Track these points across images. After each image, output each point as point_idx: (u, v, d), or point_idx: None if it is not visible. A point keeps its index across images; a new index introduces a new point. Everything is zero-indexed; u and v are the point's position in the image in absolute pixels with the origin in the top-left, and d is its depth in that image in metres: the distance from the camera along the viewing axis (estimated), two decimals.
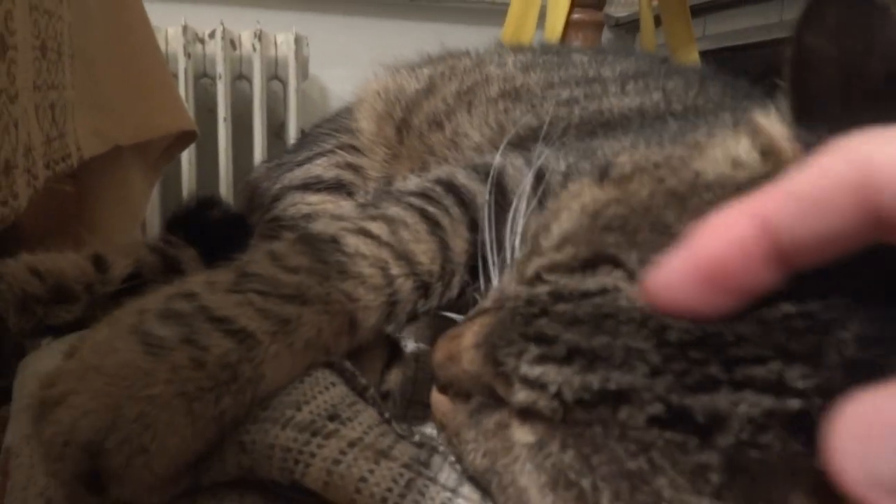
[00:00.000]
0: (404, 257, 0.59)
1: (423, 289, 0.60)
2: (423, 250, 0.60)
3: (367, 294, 0.56)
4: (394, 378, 0.64)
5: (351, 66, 2.33)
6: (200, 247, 0.92)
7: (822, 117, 0.41)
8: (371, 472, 0.46)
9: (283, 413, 0.48)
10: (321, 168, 1.10)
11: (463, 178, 0.70)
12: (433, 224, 0.63)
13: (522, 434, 0.41)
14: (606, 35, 1.87)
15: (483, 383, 0.47)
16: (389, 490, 0.45)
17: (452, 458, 0.52)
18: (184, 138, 1.47)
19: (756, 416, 0.33)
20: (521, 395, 0.41)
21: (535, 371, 0.40)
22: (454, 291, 0.62)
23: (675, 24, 1.59)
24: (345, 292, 0.54)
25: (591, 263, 0.41)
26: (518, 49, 1.22)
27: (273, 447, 0.46)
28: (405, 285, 0.59)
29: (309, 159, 1.12)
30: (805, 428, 0.32)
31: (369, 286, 0.56)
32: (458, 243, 0.63)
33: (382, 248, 0.58)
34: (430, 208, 0.64)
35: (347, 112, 1.24)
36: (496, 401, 0.47)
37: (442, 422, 0.54)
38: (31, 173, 0.72)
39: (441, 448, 0.52)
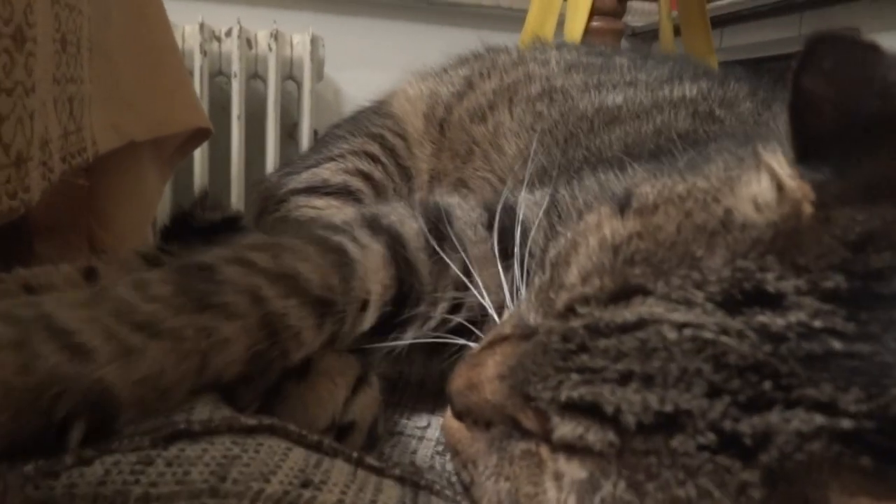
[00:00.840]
0: (283, 278, 0.55)
1: (324, 306, 0.56)
2: (310, 269, 0.56)
3: (228, 325, 0.51)
4: (359, 407, 0.60)
5: (366, 68, 2.35)
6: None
7: (824, 156, 0.43)
8: None
9: (248, 486, 0.44)
10: (329, 172, 1.10)
11: (399, 217, 0.67)
12: (334, 250, 0.59)
13: (571, 469, 0.41)
14: (623, 45, 1.86)
15: (506, 414, 0.47)
16: None
17: (439, 487, 0.51)
18: (198, 135, 1.46)
19: (804, 432, 0.34)
20: (565, 429, 0.41)
21: (581, 392, 0.40)
22: (366, 321, 0.58)
23: (695, 33, 1.58)
24: (201, 327, 0.50)
25: (621, 295, 0.42)
26: (562, 46, 1.22)
27: None
28: (287, 304, 0.54)
29: (318, 163, 1.12)
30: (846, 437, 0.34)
31: (231, 314, 0.52)
32: (372, 272, 0.59)
33: (256, 275, 0.55)
34: (336, 237, 0.61)
35: (370, 113, 1.23)
36: (521, 431, 0.47)
37: (456, 448, 0.53)
38: (47, 166, 0.72)
39: (424, 480, 0.51)
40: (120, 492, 0.43)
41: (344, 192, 1.05)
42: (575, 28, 1.50)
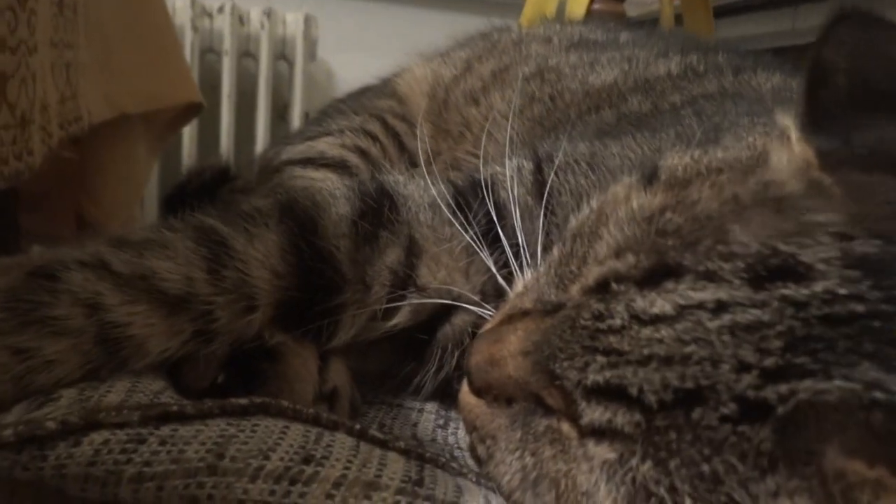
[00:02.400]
0: (136, 280, 0.52)
1: (180, 306, 0.53)
2: (171, 267, 0.53)
3: (53, 344, 0.48)
4: (335, 373, 0.60)
5: (360, 51, 2.31)
6: None
7: (830, 127, 0.44)
8: None
9: (246, 463, 0.43)
10: (326, 145, 1.09)
11: (325, 200, 0.63)
12: (213, 242, 0.56)
13: (600, 451, 0.40)
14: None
15: (530, 391, 0.47)
16: None
17: (444, 459, 0.50)
18: (189, 110, 1.44)
19: (823, 389, 0.34)
20: (594, 414, 0.40)
21: (607, 375, 0.40)
22: (258, 310, 0.55)
23: (697, 22, 1.57)
24: (18, 348, 0.47)
25: (656, 274, 0.41)
26: (574, 23, 1.20)
27: (243, 503, 0.41)
28: (133, 311, 0.51)
29: (316, 136, 1.11)
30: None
31: (60, 330, 0.49)
32: (257, 261, 0.56)
33: (104, 280, 0.52)
34: (226, 228, 0.57)
35: (376, 91, 1.23)
36: (544, 408, 0.46)
37: (474, 424, 0.52)
38: (46, 131, 0.70)
39: (428, 452, 0.50)
40: (112, 472, 0.42)
41: (340, 166, 1.04)
42: (576, 10, 1.49)
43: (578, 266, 0.47)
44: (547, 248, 0.57)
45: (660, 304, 0.40)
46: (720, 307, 0.38)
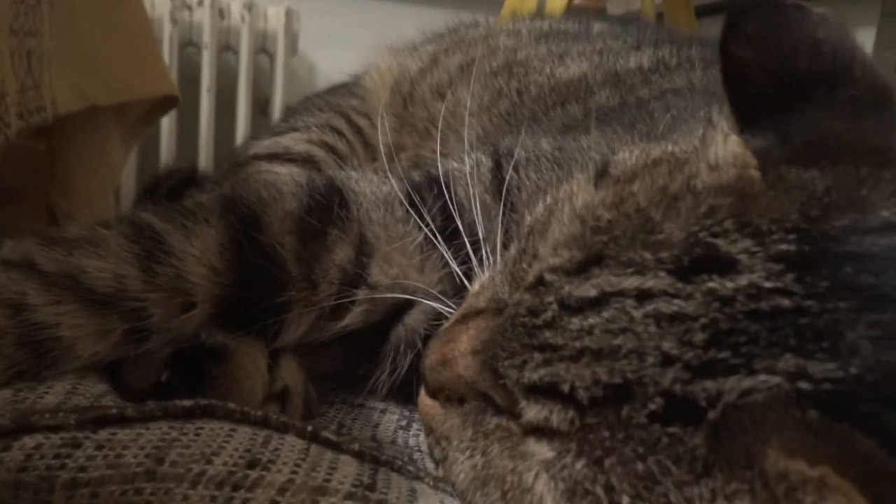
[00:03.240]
0: (63, 280, 0.51)
1: (110, 305, 0.51)
2: (102, 265, 0.52)
3: None
4: (285, 372, 0.58)
5: (342, 46, 2.29)
6: None
7: (765, 120, 0.43)
8: None
9: (187, 468, 0.41)
10: (292, 141, 1.08)
11: (272, 196, 0.61)
12: (148, 238, 0.55)
13: (539, 449, 0.41)
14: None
15: (479, 390, 0.47)
16: None
17: (401, 463, 0.49)
18: (165, 103, 1.41)
19: (751, 388, 0.34)
20: (532, 413, 0.41)
21: (542, 373, 0.40)
22: (196, 307, 0.54)
23: (679, 21, 1.57)
24: None
25: (585, 265, 0.42)
26: (542, 17, 1.20)
27: None
28: (59, 310, 0.50)
29: (283, 132, 1.11)
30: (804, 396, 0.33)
31: None
32: (193, 258, 0.55)
33: (30, 280, 0.50)
34: (163, 224, 0.56)
35: (342, 90, 1.23)
36: (494, 407, 0.46)
37: (430, 426, 0.52)
38: (3, 121, 0.68)
39: (385, 455, 0.49)
40: (44, 478, 0.40)
41: (307, 161, 1.04)
42: (556, 6, 1.47)
43: (529, 263, 0.48)
44: (506, 246, 0.56)
45: (585, 288, 0.40)
46: (644, 295, 0.38)
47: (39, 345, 0.49)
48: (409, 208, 0.62)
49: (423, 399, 0.53)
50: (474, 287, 0.56)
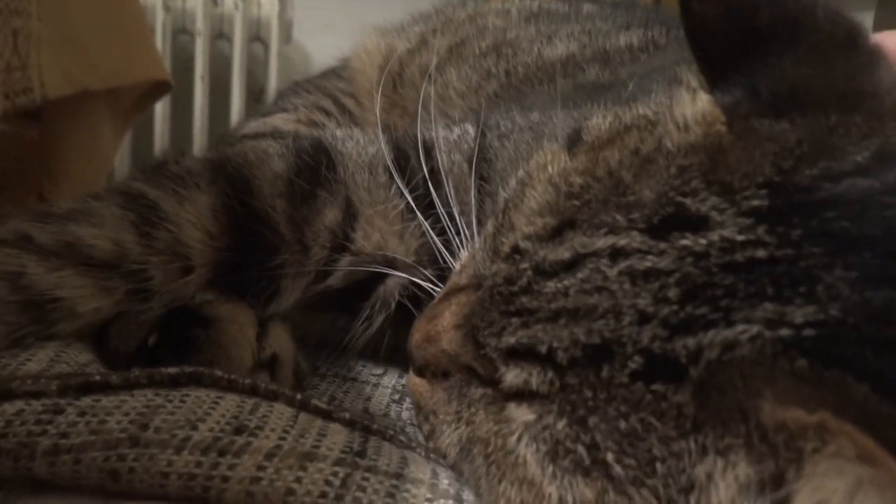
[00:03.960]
0: (61, 248, 0.51)
1: (110, 268, 0.52)
2: (98, 233, 0.52)
3: None
4: (275, 340, 0.58)
5: (336, 35, 2.25)
6: None
7: (732, 75, 0.43)
8: (298, 480, 0.40)
9: (172, 434, 0.41)
10: (280, 121, 1.09)
11: (259, 158, 0.61)
12: (142, 206, 0.55)
13: (520, 413, 0.41)
14: None
15: (462, 363, 0.47)
16: (323, 495, 0.40)
17: (392, 432, 0.49)
18: (157, 89, 1.40)
19: (733, 340, 0.34)
20: (511, 377, 0.41)
21: (519, 336, 0.40)
22: (194, 271, 0.55)
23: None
24: None
25: (558, 230, 0.42)
26: None
27: (167, 475, 0.40)
28: (61, 275, 0.50)
29: (271, 112, 1.12)
30: (788, 344, 0.33)
31: None
32: (188, 223, 0.55)
33: (27, 254, 0.51)
34: (155, 192, 0.56)
35: (330, 73, 1.24)
36: (478, 379, 0.47)
37: (419, 403, 0.52)
38: None
39: (376, 425, 0.49)
40: (25, 444, 0.39)
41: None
42: None
43: (506, 236, 0.48)
44: (482, 220, 0.57)
45: (559, 252, 0.40)
46: (618, 254, 0.38)
47: (40, 308, 0.49)
48: (393, 174, 0.62)
49: (412, 378, 0.53)
50: (457, 266, 0.57)
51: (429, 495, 0.43)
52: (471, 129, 0.69)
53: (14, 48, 0.79)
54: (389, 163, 0.63)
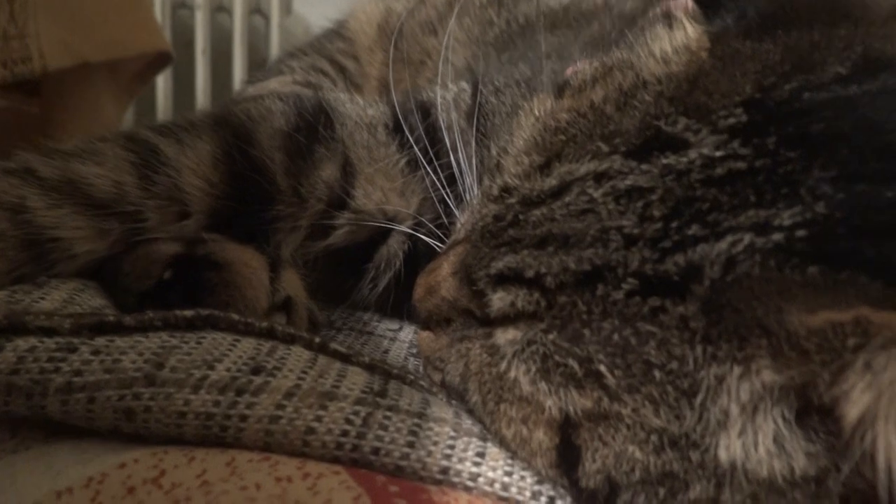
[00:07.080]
0: (62, 185, 0.52)
1: (107, 207, 0.53)
2: (100, 172, 0.53)
3: None
4: (287, 283, 0.58)
5: (336, 6, 2.25)
6: None
7: (725, 6, 0.45)
8: (319, 419, 0.40)
9: (189, 374, 0.41)
10: (278, 83, 1.10)
11: (261, 113, 0.62)
12: (145, 150, 0.56)
13: (506, 335, 0.42)
14: None
15: (462, 308, 0.48)
16: (345, 433, 0.40)
17: (413, 378, 0.50)
18: (158, 61, 1.39)
19: (732, 255, 0.34)
20: (497, 300, 0.42)
21: (506, 262, 0.41)
22: (192, 215, 0.56)
23: None
24: None
25: (544, 165, 0.43)
26: None
27: (184, 415, 0.39)
28: (59, 213, 0.51)
29: (267, 76, 1.14)
30: (789, 252, 0.33)
31: None
32: (188, 169, 0.56)
33: (28, 186, 0.51)
34: (158, 137, 0.57)
35: (330, 33, 1.24)
36: (476, 320, 0.48)
37: (427, 356, 0.53)
38: None
39: (396, 370, 0.49)
40: (37, 381, 0.39)
41: None
42: None
43: (496, 180, 0.48)
44: (481, 173, 0.58)
45: (546, 182, 0.41)
46: (602, 176, 0.39)
47: (39, 246, 0.50)
48: (394, 132, 0.63)
49: (420, 334, 0.54)
50: (457, 226, 0.57)
51: (452, 433, 0.42)
52: (467, 87, 0.69)
53: (10, 16, 0.78)
54: (389, 120, 0.64)
